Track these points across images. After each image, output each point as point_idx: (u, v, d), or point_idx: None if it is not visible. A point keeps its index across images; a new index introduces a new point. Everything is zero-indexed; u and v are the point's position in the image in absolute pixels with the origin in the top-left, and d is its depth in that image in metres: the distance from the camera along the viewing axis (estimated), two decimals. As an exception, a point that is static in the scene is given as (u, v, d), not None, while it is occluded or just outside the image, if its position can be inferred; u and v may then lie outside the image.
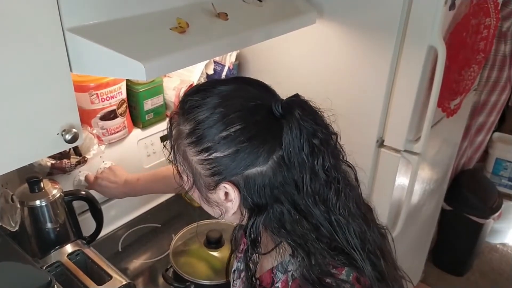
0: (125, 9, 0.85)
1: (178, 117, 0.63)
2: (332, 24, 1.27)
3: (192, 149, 0.61)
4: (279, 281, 0.65)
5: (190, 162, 0.62)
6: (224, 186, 0.61)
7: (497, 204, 2.25)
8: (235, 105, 0.60)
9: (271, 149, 0.58)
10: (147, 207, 1.43)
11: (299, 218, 0.61)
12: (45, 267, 0.99)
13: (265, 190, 0.60)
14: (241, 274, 0.79)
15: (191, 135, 0.60)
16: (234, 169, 0.59)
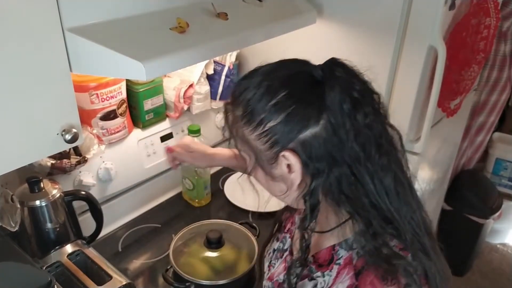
0: (125, 9, 0.85)
1: (230, 105, 0.68)
2: (332, 24, 1.27)
3: (248, 127, 0.64)
4: (341, 258, 0.66)
5: (249, 142, 0.65)
6: (284, 155, 0.62)
7: (497, 204, 2.25)
8: (278, 76, 0.65)
9: (318, 110, 0.61)
10: (147, 207, 1.43)
11: (355, 181, 0.62)
12: (45, 267, 0.99)
13: (321, 152, 0.61)
14: (283, 253, 0.82)
15: (244, 115, 0.64)
16: (289, 135, 0.61)
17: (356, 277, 0.63)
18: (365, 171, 0.62)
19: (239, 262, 1.11)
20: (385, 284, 0.61)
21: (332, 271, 0.67)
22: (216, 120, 1.56)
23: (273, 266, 0.84)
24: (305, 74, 0.64)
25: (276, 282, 0.80)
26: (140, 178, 1.37)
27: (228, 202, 1.45)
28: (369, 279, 0.62)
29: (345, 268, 0.65)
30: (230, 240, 1.14)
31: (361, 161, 0.62)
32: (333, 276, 0.66)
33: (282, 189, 0.68)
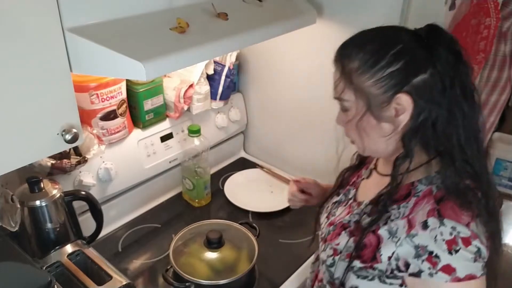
0: (125, 9, 0.85)
1: (342, 61, 0.78)
2: (332, 24, 1.27)
3: (366, 75, 0.74)
4: (419, 191, 0.77)
5: (363, 89, 0.75)
6: (399, 97, 0.73)
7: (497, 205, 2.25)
8: (390, 30, 0.78)
9: (426, 60, 0.73)
10: (147, 207, 1.43)
11: (450, 123, 0.74)
12: (45, 267, 0.99)
13: (427, 95, 0.73)
14: (348, 202, 0.93)
15: (364, 64, 0.74)
16: (405, 80, 0.73)
17: (437, 203, 0.73)
18: (461, 115, 0.73)
19: (239, 262, 1.11)
20: (462, 210, 0.72)
21: (409, 203, 0.77)
22: (216, 120, 1.56)
23: (333, 215, 0.95)
24: (410, 32, 0.77)
25: (339, 223, 0.89)
26: (140, 178, 1.37)
27: (228, 202, 1.46)
28: (449, 205, 0.73)
29: (423, 199, 0.76)
30: (230, 240, 1.14)
31: (460, 105, 0.73)
32: (409, 207, 0.76)
33: (386, 132, 0.77)
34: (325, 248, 0.89)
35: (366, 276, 0.80)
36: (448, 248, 0.70)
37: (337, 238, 0.87)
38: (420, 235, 0.72)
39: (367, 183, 0.93)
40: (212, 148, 1.58)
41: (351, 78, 0.76)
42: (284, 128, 1.58)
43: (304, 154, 1.56)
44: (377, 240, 0.78)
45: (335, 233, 0.88)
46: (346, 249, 0.84)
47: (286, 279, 1.16)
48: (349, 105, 0.79)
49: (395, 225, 0.76)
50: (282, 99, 1.54)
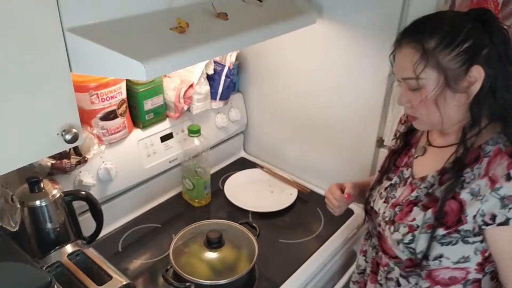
0: (125, 9, 0.85)
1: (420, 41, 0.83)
2: (332, 24, 1.27)
3: (444, 51, 0.82)
4: (489, 152, 0.85)
5: (442, 65, 0.82)
6: (473, 69, 0.81)
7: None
8: (453, 13, 0.92)
9: (485, 35, 0.83)
10: (147, 207, 1.43)
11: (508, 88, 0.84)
12: (45, 267, 0.99)
13: (491, 65, 0.82)
14: (406, 181, 0.98)
15: (443, 41, 0.82)
16: (477, 53, 0.82)
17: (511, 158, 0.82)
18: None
19: (239, 262, 1.11)
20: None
21: (482, 164, 0.84)
22: (216, 120, 1.56)
23: (392, 197, 1.00)
24: (466, 14, 0.86)
25: (406, 202, 0.95)
26: (140, 178, 1.37)
27: (228, 202, 1.46)
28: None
29: (496, 157, 0.84)
30: (230, 240, 1.14)
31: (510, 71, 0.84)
32: (483, 167, 0.84)
33: (460, 102, 0.85)
34: (396, 229, 0.94)
35: (450, 241, 0.87)
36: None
37: (409, 215, 0.92)
38: (504, 187, 0.80)
39: (422, 160, 0.98)
40: (212, 148, 1.58)
41: (433, 55, 0.82)
42: (284, 128, 1.58)
43: (304, 154, 1.56)
44: (459, 205, 0.85)
45: (405, 212, 0.94)
46: (425, 221, 0.89)
47: (286, 279, 1.16)
48: (425, 83, 0.84)
49: (476, 185, 0.83)
50: (282, 99, 1.54)
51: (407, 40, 0.86)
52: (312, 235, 1.34)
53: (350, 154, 1.41)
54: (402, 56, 0.88)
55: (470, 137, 0.86)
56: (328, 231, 1.34)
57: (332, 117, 1.41)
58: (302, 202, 1.47)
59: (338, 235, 1.33)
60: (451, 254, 0.88)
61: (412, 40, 0.85)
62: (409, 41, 0.86)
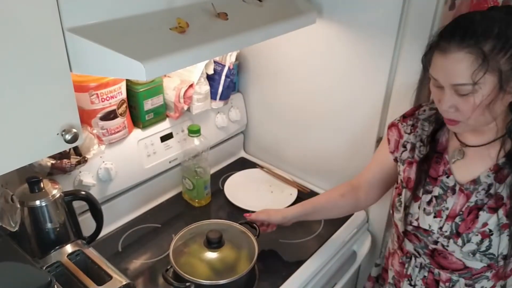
0: (125, 9, 0.85)
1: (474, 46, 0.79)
2: (332, 24, 1.27)
3: (500, 53, 0.79)
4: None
5: (499, 68, 0.79)
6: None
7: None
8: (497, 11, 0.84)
9: None
10: (147, 207, 1.43)
11: None
12: (45, 267, 0.99)
13: None
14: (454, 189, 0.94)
15: (498, 44, 0.79)
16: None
17: None
18: None
19: (239, 262, 1.11)
20: None
21: None
22: (216, 120, 1.56)
23: (444, 209, 0.95)
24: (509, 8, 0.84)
25: (467, 210, 0.91)
26: (140, 178, 1.37)
27: (228, 202, 1.46)
28: None
29: None
30: (230, 240, 1.14)
31: None
32: None
33: (507, 102, 0.84)
34: (467, 239, 0.91)
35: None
36: None
37: (476, 222, 0.89)
38: None
39: (463, 163, 0.94)
40: (212, 148, 1.58)
41: (489, 60, 0.79)
42: (284, 128, 1.58)
43: (304, 154, 1.56)
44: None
45: (470, 220, 0.90)
46: (497, 223, 0.87)
47: (286, 279, 1.16)
48: (481, 88, 0.81)
49: None
50: (282, 99, 1.54)
51: (457, 44, 0.81)
52: (312, 235, 1.34)
53: (350, 154, 1.41)
54: (454, 62, 0.82)
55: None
56: (328, 231, 1.34)
57: (332, 117, 1.41)
58: (302, 202, 1.47)
59: (338, 235, 1.33)
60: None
61: (466, 44, 0.80)
62: (461, 45, 0.80)
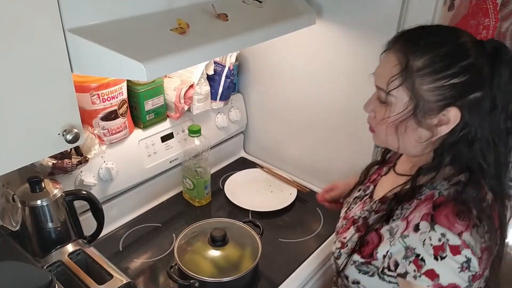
0: (126, 9, 0.86)
1: (410, 53, 0.72)
2: (331, 25, 1.28)
3: (427, 78, 0.71)
4: (423, 194, 0.77)
5: (418, 91, 0.72)
6: (449, 110, 0.71)
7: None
8: (464, 41, 0.73)
9: (487, 77, 0.71)
10: (147, 206, 1.44)
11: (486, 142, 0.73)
12: (46, 267, 0.99)
13: (476, 113, 0.71)
14: (364, 198, 0.94)
15: (430, 66, 0.70)
16: (463, 94, 0.70)
17: (433, 209, 0.73)
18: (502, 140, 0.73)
19: (243, 260, 1.11)
20: (458, 218, 0.71)
21: (412, 205, 0.77)
22: (217, 120, 1.57)
23: (350, 209, 0.97)
24: (478, 45, 0.73)
25: (351, 219, 0.92)
26: (140, 178, 1.38)
27: (228, 201, 1.46)
28: (445, 212, 0.72)
29: (424, 202, 0.76)
30: (234, 238, 1.15)
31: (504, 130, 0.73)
32: (411, 209, 0.76)
33: (421, 138, 0.75)
34: (336, 240, 0.93)
35: (366, 271, 0.81)
36: (435, 253, 0.69)
37: (346, 232, 0.90)
38: (410, 237, 0.73)
39: (384, 181, 0.94)
40: (212, 148, 1.58)
41: (412, 76, 0.72)
42: (284, 128, 1.58)
43: (303, 154, 1.56)
44: (379, 239, 0.80)
45: (346, 227, 0.91)
46: (351, 243, 0.86)
47: (286, 278, 1.17)
48: (393, 101, 0.75)
49: (396, 225, 0.77)
50: (282, 99, 1.54)
51: (397, 46, 0.76)
52: (311, 234, 1.34)
53: (349, 154, 1.42)
54: (385, 62, 0.78)
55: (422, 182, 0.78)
56: (327, 230, 1.35)
57: (332, 117, 1.41)
58: (301, 202, 1.48)
59: (337, 234, 1.34)
60: (367, 284, 0.83)
61: (402, 49, 0.74)
62: (399, 48, 0.75)
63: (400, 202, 0.79)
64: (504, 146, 0.75)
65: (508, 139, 0.75)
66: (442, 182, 0.76)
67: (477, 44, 0.73)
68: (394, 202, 0.80)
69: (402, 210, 0.78)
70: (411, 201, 0.78)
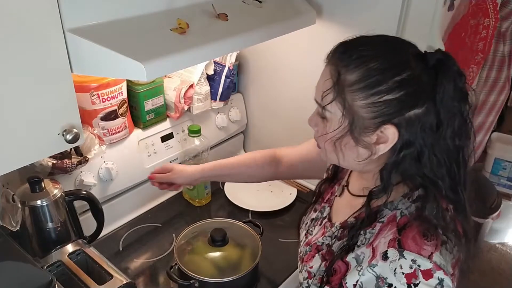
0: (126, 9, 0.86)
1: (343, 66, 0.68)
2: (331, 24, 1.28)
3: (360, 94, 0.67)
4: (384, 216, 0.73)
5: (351, 106, 0.68)
6: (386, 127, 0.67)
7: (496, 204, 2.25)
8: (401, 50, 0.69)
9: (428, 93, 0.66)
10: (147, 207, 1.44)
11: (434, 158, 0.69)
12: (46, 267, 0.99)
13: (417, 130, 0.67)
14: (322, 221, 0.89)
15: (362, 81, 0.66)
16: (399, 111, 0.66)
17: (399, 232, 0.69)
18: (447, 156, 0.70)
19: (243, 260, 1.12)
20: (425, 239, 0.67)
21: (375, 229, 0.73)
22: (216, 120, 1.57)
23: (310, 233, 0.91)
24: (421, 58, 0.69)
25: (314, 245, 0.86)
26: (140, 178, 1.37)
27: (228, 201, 1.46)
28: (411, 234, 0.68)
29: (387, 225, 0.72)
30: (234, 239, 1.15)
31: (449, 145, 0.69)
32: (375, 233, 0.73)
33: (360, 156, 0.72)
34: (302, 269, 0.87)
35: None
36: (408, 281, 0.66)
37: (311, 261, 0.84)
38: (380, 266, 0.69)
39: (339, 202, 0.88)
40: (212, 148, 1.58)
41: (343, 91, 0.68)
42: (284, 128, 1.58)
43: (303, 154, 1.56)
44: (346, 267, 0.75)
45: (310, 255, 0.86)
46: (319, 272, 0.81)
47: (286, 278, 1.17)
48: (330, 117, 0.72)
49: (362, 253, 0.73)
50: (282, 99, 1.54)
51: (332, 59, 0.71)
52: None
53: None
54: (322, 75, 0.73)
55: (375, 206, 0.74)
56: (327, 230, 1.35)
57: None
58: (301, 202, 1.48)
59: (337, 234, 1.34)
60: None
61: (336, 62, 0.70)
62: (333, 61, 0.71)
63: (361, 228, 0.75)
64: (456, 165, 0.71)
65: (459, 157, 0.71)
66: (402, 200, 0.73)
67: (419, 57, 0.69)
68: (355, 229, 0.75)
69: (365, 235, 0.74)
70: (373, 225, 0.73)
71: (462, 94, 0.69)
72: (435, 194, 0.70)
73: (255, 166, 1.16)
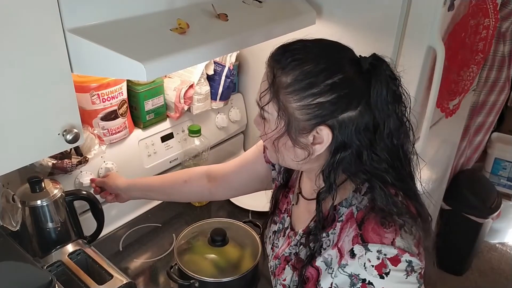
0: (126, 10, 0.86)
1: (279, 69, 0.70)
2: (331, 24, 1.28)
3: (294, 96, 0.69)
4: (342, 215, 0.75)
5: (287, 108, 0.70)
6: (320, 128, 0.69)
7: (496, 204, 2.26)
8: (335, 57, 0.71)
9: (361, 96, 0.69)
10: (147, 206, 1.44)
11: (374, 156, 0.71)
12: (46, 267, 0.99)
13: (352, 131, 0.70)
14: (285, 232, 0.90)
15: (295, 84, 0.68)
16: (332, 113, 0.68)
17: (359, 228, 0.71)
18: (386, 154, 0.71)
19: (243, 260, 1.11)
20: (384, 228, 0.69)
21: (336, 229, 0.75)
22: (217, 120, 1.57)
23: (276, 246, 0.91)
24: (356, 62, 0.71)
25: (282, 257, 0.87)
26: (140, 178, 1.38)
27: (228, 201, 1.46)
28: (370, 226, 0.70)
29: (347, 223, 0.74)
30: (234, 238, 1.15)
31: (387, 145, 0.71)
32: (337, 233, 0.75)
33: (299, 157, 0.74)
34: (275, 284, 0.88)
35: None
36: (379, 272, 0.68)
37: (283, 273, 0.85)
38: (350, 265, 0.71)
39: (297, 210, 0.89)
40: (213, 148, 1.58)
41: (278, 93, 0.71)
42: (284, 128, 1.58)
43: (303, 154, 1.56)
44: (317, 272, 0.76)
45: (281, 268, 0.86)
46: (293, 283, 0.82)
47: (286, 278, 1.17)
48: (268, 118, 0.75)
49: (329, 255, 0.75)
50: (281, 99, 1.54)
51: (272, 61, 0.73)
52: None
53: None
54: (263, 76, 0.75)
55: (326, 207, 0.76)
56: (327, 230, 1.35)
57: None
58: (301, 202, 1.48)
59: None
60: None
61: (271, 64, 0.72)
62: (271, 63, 0.73)
63: (323, 230, 0.76)
64: (399, 161, 0.73)
65: (399, 154, 0.73)
66: (354, 195, 0.75)
67: (354, 61, 0.71)
68: (315, 232, 0.77)
69: (328, 237, 0.76)
70: (334, 225, 0.75)
71: (396, 97, 0.70)
72: (380, 185, 0.72)
73: (189, 181, 1.14)
